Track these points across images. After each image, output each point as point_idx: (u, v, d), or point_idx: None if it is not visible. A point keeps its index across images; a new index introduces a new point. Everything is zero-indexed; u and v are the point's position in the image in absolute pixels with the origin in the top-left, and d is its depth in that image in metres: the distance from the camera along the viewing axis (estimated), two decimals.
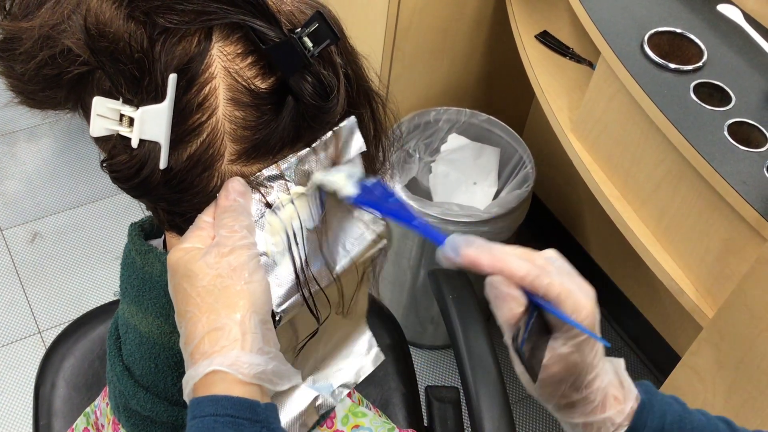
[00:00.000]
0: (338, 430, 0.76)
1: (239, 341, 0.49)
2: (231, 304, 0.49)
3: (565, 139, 1.32)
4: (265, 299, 0.51)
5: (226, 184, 0.52)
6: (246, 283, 0.50)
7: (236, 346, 0.49)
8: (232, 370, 0.48)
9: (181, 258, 0.51)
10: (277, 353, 0.51)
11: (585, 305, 0.53)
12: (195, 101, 0.50)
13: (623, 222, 1.20)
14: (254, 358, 0.49)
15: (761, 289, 0.94)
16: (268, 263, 0.54)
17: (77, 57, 0.49)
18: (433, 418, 1.08)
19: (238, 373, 0.48)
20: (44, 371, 1.09)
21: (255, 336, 0.49)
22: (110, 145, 0.53)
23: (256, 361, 0.49)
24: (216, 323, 0.49)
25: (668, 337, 1.63)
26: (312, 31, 0.51)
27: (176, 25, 0.49)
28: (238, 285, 0.50)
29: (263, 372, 0.49)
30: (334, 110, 0.54)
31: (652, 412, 0.59)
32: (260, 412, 0.49)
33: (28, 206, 2.07)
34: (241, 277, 0.50)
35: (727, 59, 1.15)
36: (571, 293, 0.53)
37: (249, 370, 0.49)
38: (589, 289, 0.55)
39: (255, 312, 0.50)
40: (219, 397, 0.48)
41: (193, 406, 0.49)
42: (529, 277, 0.53)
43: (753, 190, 0.97)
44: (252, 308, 0.50)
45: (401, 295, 1.75)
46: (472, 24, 1.61)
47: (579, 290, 0.54)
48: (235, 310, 0.49)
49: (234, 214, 0.51)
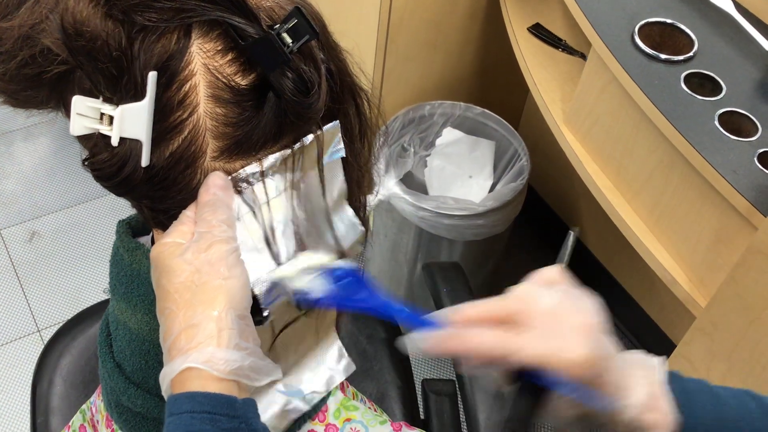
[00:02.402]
0: (330, 423, 0.77)
1: (215, 338, 0.49)
2: (208, 300, 0.49)
3: (558, 131, 1.32)
4: (243, 294, 0.51)
5: (207, 179, 0.53)
6: (224, 279, 0.50)
7: (212, 343, 0.49)
8: (207, 366, 0.48)
9: (160, 253, 0.52)
10: (255, 349, 0.51)
11: (574, 362, 0.50)
12: (175, 99, 0.51)
13: (616, 213, 1.20)
14: (230, 354, 0.49)
15: (752, 279, 0.94)
16: (250, 258, 0.54)
17: (56, 56, 0.49)
18: (430, 411, 1.08)
19: (213, 370, 0.48)
20: (41, 369, 1.10)
21: (232, 332, 0.49)
22: (92, 143, 0.53)
23: (232, 357, 0.49)
24: (192, 319, 0.49)
25: (665, 327, 1.63)
26: (291, 27, 0.51)
27: (155, 23, 0.49)
28: (215, 280, 0.50)
29: (240, 368, 0.49)
30: (316, 106, 0.54)
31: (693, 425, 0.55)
32: (238, 408, 0.49)
33: (25, 205, 2.07)
34: (218, 272, 0.50)
35: (717, 49, 1.15)
36: (555, 355, 0.50)
37: (225, 366, 0.49)
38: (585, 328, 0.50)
39: (232, 308, 0.50)
40: (195, 394, 0.48)
41: (170, 403, 0.49)
42: (504, 354, 0.50)
43: (743, 179, 0.97)
44: (229, 304, 0.50)
45: (398, 289, 1.75)
46: (466, 17, 1.61)
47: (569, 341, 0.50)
48: (212, 306, 0.49)
49: (213, 208, 0.52)
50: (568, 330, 0.51)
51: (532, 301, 0.52)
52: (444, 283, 1.12)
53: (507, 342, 0.50)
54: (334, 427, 0.76)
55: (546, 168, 1.83)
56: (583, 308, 0.53)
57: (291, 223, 0.57)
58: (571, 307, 0.53)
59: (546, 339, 0.50)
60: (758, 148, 1.01)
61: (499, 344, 0.50)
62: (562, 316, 0.52)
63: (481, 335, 0.51)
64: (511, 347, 0.50)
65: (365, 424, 0.78)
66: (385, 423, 0.81)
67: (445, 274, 1.13)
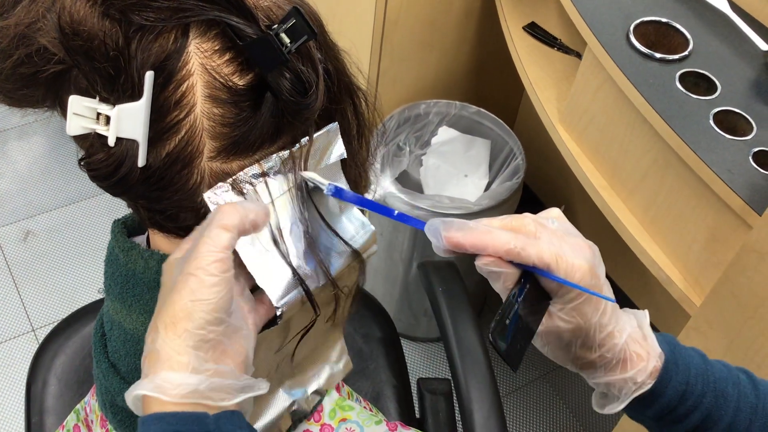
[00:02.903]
0: (325, 423, 0.77)
1: (171, 361, 0.48)
2: (170, 323, 0.48)
3: (554, 130, 1.32)
4: (210, 317, 0.49)
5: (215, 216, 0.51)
6: (191, 301, 0.48)
7: (166, 367, 0.48)
8: (157, 393, 0.47)
9: (163, 268, 0.52)
10: (220, 369, 0.50)
11: (579, 266, 0.53)
12: (172, 99, 0.50)
13: (611, 212, 1.20)
14: (185, 378, 0.48)
15: (747, 277, 0.95)
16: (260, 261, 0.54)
17: (53, 56, 0.49)
18: (425, 410, 1.08)
19: (164, 396, 0.47)
20: (36, 369, 1.09)
21: (189, 356, 0.48)
22: (88, 143, 0.53)
23: (186, 381, 0.48)
24: (155, 343, 0.49)
25: (660, 326, 1.63)
26: (289, 27, 0.51)
27: (152, 22, 0.49)
28: (183, 300, 0.48)
29: (194, 392, 0.48)
30: (314, 106, 0.54)
31: (677, 368, 0.59)
32: (209, 423, 0.48)
33: (20, 205, 2.07)
34: (188, 292, 0.48)
35: (712, 48, 1.15)
36: (562, 257, 0.53)
37: (177, 390, 0.48)
38: (586, 249, 0.55)
39: (196, 329, 0.48)
40: (164, 415, 0.47)
41: (141, 425, 0.48)
42: (515, 250, 0.52)
43: (738, 178, 0.97)
44: (191, 326, 0.48)
45: (394, 288, 1.75)
46: (461, 16, 1.61)
47: (572, 252, 0.54)
48: (173, 329, 0.48)
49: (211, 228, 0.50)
50: (571, 246, 0.54)
51: (539, 225, 0.55)
52: (439, 282, 1.12)
53: (522, 239, 0.53)
54: (329, 428, 0.76)
55: (541, 167, 1.83)
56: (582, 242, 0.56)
57: (299, 223, 0.57)
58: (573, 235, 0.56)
59: (557, 244, 0.54)
60: (753, 147, 1.02)
61: (515, 240, 0.53)
62: (565, 237, 0.55)
63: (500, 232, 0.53)
64: (527, 243, 0.53)
65: (360, 425, 0.78)
66: (381, 423, 0.81)
67: (441, 273, 1.13)
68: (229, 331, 0.51)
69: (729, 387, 0.60)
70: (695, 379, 0.59)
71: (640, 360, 0.58)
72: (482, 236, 0.52)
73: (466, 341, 1.04)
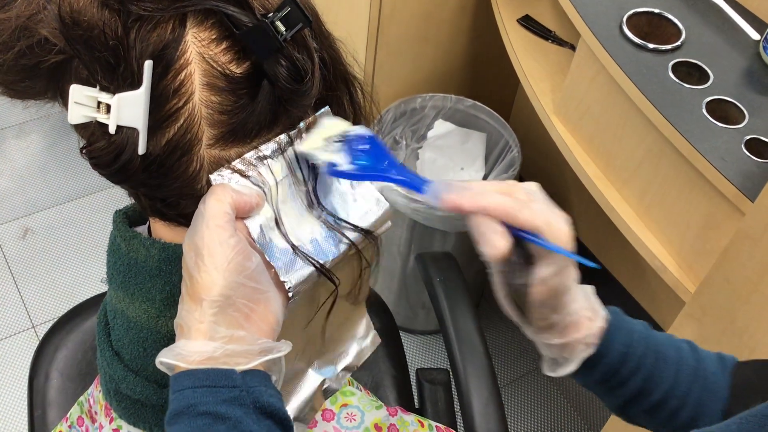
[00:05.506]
0: (327, 408, 0.78)
1: (188, 331, 0.52)
2: (194, 294, 0.52)
3: (549, 121, 1.33)
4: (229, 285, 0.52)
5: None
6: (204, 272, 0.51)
7: (183, 336, 0.52)
8: (176, 360, 0.51)
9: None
10: (235, 336, 0.52)
11: (565, 232, 0.57)
12: (171, 87, 0.51)
13: (606, 201, 1.21)
14: (201, 345, 0.51)
15: (740, 264, 0.96)
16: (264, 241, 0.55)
17: (54, 46, 0.50)
18: (424, 400, 1.09)
19: (181, 363, 0.51)
20: (38, 362, 1.10)
21: (207, 324, 0.52)
22: (89, 132, 0.54)
23: (202, 349, 0.51)
24: (181, 312, 0.53)
25: (655, 314, 1.64)
26: (284, 15, 0.52)
27: (150, 12, 0.49)
28: (210, 269, 0.51)
29: (210, 358, 0.52)
30: (310, 93, 0.55)
31: (620, 331, 0.64)
32: (236, 378, 0.51)
33: (18, 202, 2.08)
34: (212, 262, 0.51)
35: (705, 38, 1.16)
36: (550, 222, 0.56)
37: (194, 357, 0.51)
38: (566, 216, 0.58)
39: (214, 300, 0.51)
40: (195, 371, 0.51)
41: (173, 382, 0.52)
42: (512, 212, 0.55)
43: (731, 166, 0.99)
44: (210, 296, 0.51)
45: (392, 281, 1.76)
46: (456, 9, 1.62)
47: (557, 218, 0.57)
48: (194, 297, 0.52)
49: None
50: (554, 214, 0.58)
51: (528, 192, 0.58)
52: (437, 272, 1.13)
53: (519, 202, 0.56)
54: (330, 412, 0.77)
55: (537, 159, 1.84)
56: (559, 211, 0.59)
57: (302, 200, 0.58)
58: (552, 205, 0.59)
59: (546, 210, 0.57)
60: (745, 135, 1.03)
61: (509, 203, 0.56)
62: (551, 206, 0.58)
63: (497, 194, 0.56)
64: (522, 206, 0.56)
65: (361, 409, 0.80)
66: (381, 407, 0.83)
67: (438, 264, 1.14)
68: (253, 293, 0.53)
69: (670, 351, 0.65)
70: (637, 343, 0.64)
71: (590, 322, 0.63)
72: (480, 197, 0.56)
73: (464, 331, 1.05)
